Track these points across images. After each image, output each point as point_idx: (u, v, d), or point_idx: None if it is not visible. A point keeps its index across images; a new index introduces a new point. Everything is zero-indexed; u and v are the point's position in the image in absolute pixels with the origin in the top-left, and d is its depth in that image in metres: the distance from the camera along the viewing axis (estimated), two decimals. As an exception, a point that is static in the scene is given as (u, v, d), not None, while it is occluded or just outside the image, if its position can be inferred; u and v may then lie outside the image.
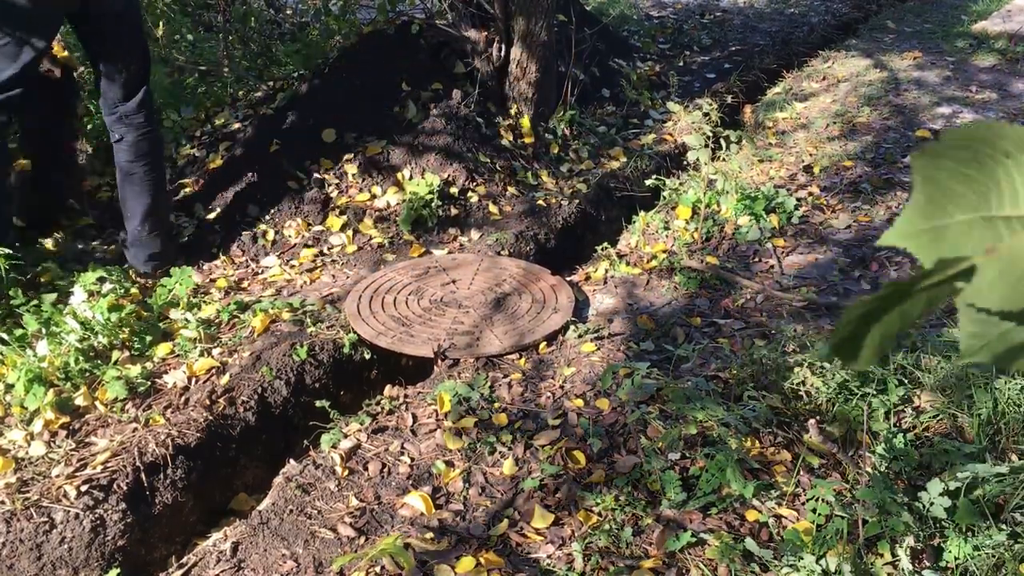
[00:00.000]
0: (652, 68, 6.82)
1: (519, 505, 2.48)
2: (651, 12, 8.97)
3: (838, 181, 4.70)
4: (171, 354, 3.21)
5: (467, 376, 3.09)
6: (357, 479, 2.63)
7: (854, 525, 2.22)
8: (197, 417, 2.80)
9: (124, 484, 2.50)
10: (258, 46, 6.11)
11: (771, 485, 2.48)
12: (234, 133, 4.87)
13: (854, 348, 0.52)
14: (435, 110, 4.74)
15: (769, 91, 6.51)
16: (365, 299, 3.58)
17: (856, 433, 2.62)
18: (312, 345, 3.22)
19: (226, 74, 5.61)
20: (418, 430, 2.86)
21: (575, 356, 3.22)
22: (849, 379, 2.80)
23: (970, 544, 2.15)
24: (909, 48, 7.13)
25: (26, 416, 2.79)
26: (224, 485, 2.80)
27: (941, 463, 2.45)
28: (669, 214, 4.44)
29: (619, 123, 5.70)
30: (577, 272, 4.11)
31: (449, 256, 4.06)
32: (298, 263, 4.04)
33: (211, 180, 4.55)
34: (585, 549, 2.27)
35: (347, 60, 4.92)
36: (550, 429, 2.78)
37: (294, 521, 2.46)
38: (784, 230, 4.19)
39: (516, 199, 4.54)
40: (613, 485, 2.52)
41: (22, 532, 2.31)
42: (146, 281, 3.78)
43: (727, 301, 3.57)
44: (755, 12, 9.05)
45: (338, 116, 4.70)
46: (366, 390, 3.26)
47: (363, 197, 4.42)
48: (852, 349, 0.52)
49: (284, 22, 6.46)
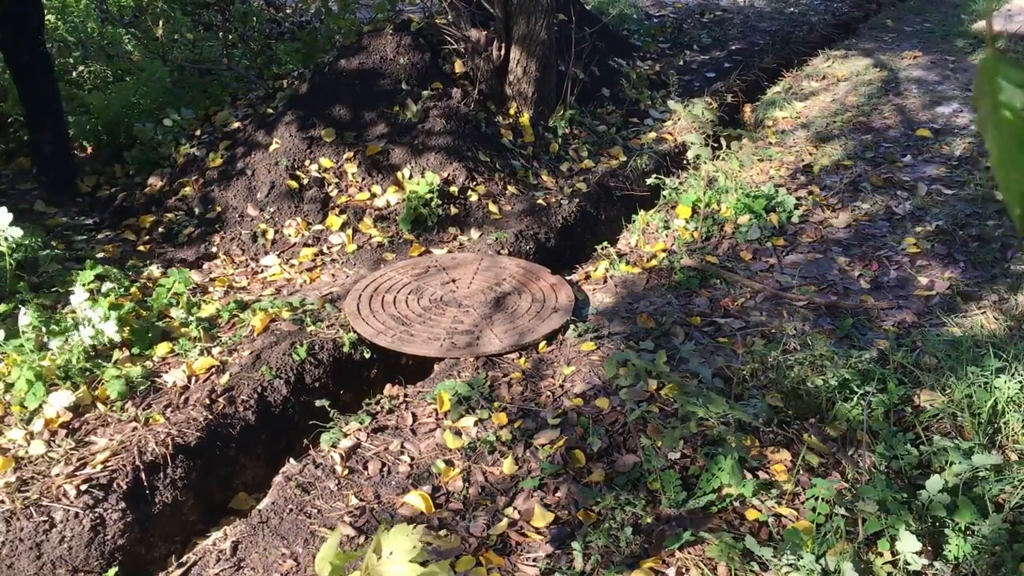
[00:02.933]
0: (652, 67, 6.82)
1: (519, 504, 2.48)
2: (651, 11, 8.96)
3: (838, 180, 4.69)
4: (171, 353, 3.21)
5: (467, 375, 3.09)
6: (357, 478, 2.63)
7: (854, 523, 2.22)
8: (197, 416, 2.80)
9: (124, 483, 2.50)
10: (258, 45, 6.11)
11: (771, 484, 2.48)
12: (234, 132, 4.87)
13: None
14: (435, 109, 4.74)
15: (769, 90, 6.51)
16: (365, 298, 3.58)
17: (856, 432, 2.62)
18: (312, 344, 3.22)
19: (226, 73, 5.61)
20: (418, 429, 2.86)
21: (575, 355, 3.22)
22: (849, 378, 2.80)
23: (970, 543, 2.15)
24: (909, 47, 7.13)
25: (26, 415, 2.79)
26: (224, 484, 2.80)
27: (941, 462, 2.45)
28: (669, 213, 4.44)
29: (619, 122, 5.69)
30: (577, 271, 4.11)
31: (449, 255, 4.05)
32: (298, 262, 4.04)
33: (211, 179, 4.55)
34: (585, 548, 2.27)
35: (347, 59, 4.92)
36: (550, 428, 2.78)
37: (294, 520, 2.46)
38: (784, 229, 4.19)
39: (516, 198, 4.54)
40: (613, 484, 2.52)
41: (22, 531, 2.31)
42: (146, 280, 3.78)
43: (727, 300, 3.57)
44: (755, 11, 9.04)
45: (338, 115, 4.69)
46: (366, 389, 3.26)
47: (363, 196, 4.42)
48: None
49: (284, 21, 6.45)
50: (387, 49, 4.92)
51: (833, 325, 3.32)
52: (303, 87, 4.93)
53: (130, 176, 4.96)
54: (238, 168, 4.52)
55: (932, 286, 3.58)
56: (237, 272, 3.98)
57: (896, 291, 3.59)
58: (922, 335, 3.13)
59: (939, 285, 3.57)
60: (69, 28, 6.01)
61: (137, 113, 5.03)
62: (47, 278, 3.68)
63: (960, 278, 3.62)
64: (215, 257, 4.09)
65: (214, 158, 4.65)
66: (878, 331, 3.26)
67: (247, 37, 6.13)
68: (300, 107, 4.76)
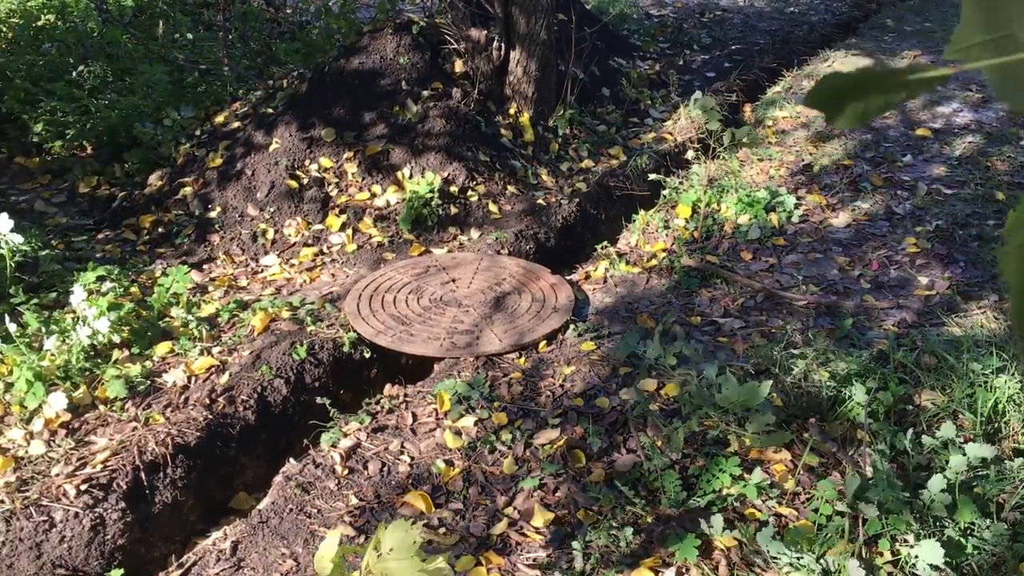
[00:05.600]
0: (652, 67, 6.82)
1: (519, 504, 2.48)
2: (651, 11, 8.96)
3: (838, 180, 4.69)
4: (171, 353, 3.21)
5: (467, 375, 3.09)
6: (357, 478, 2.63)
7: (855, 523, 2.22)
8: (197, 416, 2.80)
9: (124, 483, 2.50)
10: (258, 45, 6.11)
11: (771, 484, 2.48)
12: (234, 132, 4.86)
13: (835, 107, 0.61)
14: (435, 109, 4.74)
15: (769, 90, 6.51)
16: (365, 298, 3.58)
17: (856, 432, 2.62)
18: (312, 344, 3.22)
19: (226, 73, 5.61)
20: (418, 429, 2.86)
21: (575, 355, 3.22)
22: (852, 374, 2.80)
23: (970, 543, 2.15)
24: (909, 47, 7.13)
25: (26, 415, 2.79)
26: (224, 484, 2.79)
27: (941, 462, 2.45)
28: (669, 213, 4.44)
29: (619, 122, 5.69)
30: (577, 271, 4.11)
31: (449, 255, 4.05)
32: (298, 262, 4.04)
33: (211, 179, 4.55)
34: (585, 548, 2.27)
35: (347, 59, 4.92)
36: (550, 428, 2.78)
37: (294, 520, 2.46)
38: (784, 229, 4.18)
39: (516, 198, 4.54)
40: (613, 484, 2.52)
41: (22, 531, 2.31)
42: (146, 280, 3.78)
43: (727, 300, 3.57)
44: (755, 11, 9.05)
45: (338, 115, 4.69)
46: (366, 389, 3.26)
47: (363, 196, 4.42)
48: (832, 108, 0.61)
49: (284, 21, 6.45)
50: (387, 49, 4.92)
51: (833, 325, 3.32)
52: (303, 87, 4.93)
53: (130, 176, 4.96)
54: (238, 168, 4.52)
55: (932, 286, 3.58)
56: (237, 272, 3.98)
57: (896, 291, 3.59)
58: (922, 335, 3.13)
59: (939, 285, 3.57)
60: (69, 28, 6.00)
61: (137, 113, 5.03)
62: (47, 278, 3.68)
63: (960, 278, 3.62)
64: (215, 257, 4.09)
65: (214, 158, 4.65)
66: (878, 331, 3.26)
67: (247, 37, 6.12)
68: (300, 107, 4.76)
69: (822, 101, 0.61)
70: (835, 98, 0.60)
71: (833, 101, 0.60)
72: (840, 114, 0.61)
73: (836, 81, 0.59)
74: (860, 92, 0.60)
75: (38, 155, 5.17)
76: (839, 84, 0.60)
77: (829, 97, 0.60)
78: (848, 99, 0.60)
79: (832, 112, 0.61)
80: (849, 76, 0.59)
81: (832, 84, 0.60)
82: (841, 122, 0.61)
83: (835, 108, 0.61)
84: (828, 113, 0.61)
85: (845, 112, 0.61)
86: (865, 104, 0.60)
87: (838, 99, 0.60)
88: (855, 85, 0.59)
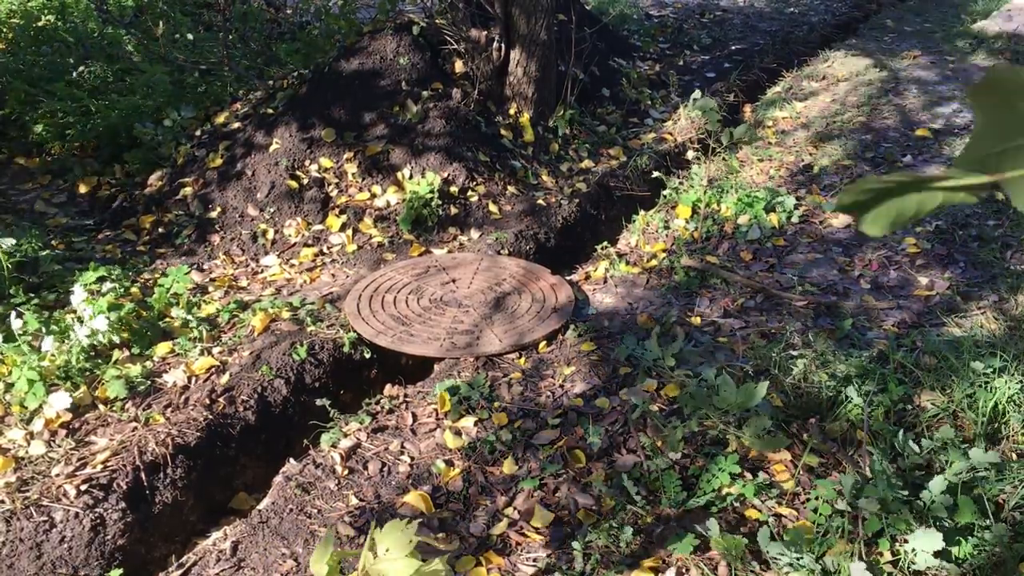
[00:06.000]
0: (652, 67, 6.82)
1: (519, 504, 2.48)
2: (651, 11, 8.96)
3: (838, 180, 4.69)
4: (171, 353, 3.21)
5: (467, 375, 3.09)
6: (357, 478, 2.63)
7: (854, 523, 2.22)
8: (197, 416, 2.80)
9: (124, 483, 2.50)
10: (258, 45, 6.11)
11: (771, 484, 2.48)
12: (234, 132, 4.87)
13: (867, 211, 0.61)
14: (435, 110, 4.74)
15: (769, 90, 6.51)
16: (365, 298, 3.58)
17: (856, 432, 2.62)
18: (312, 344, 3.22)
19: (226, 73, 5.61)
20: (418, 429, 2.86)
21: (575, 355, 3.22)
22: (852, 376, 2.80)
23: (970, 543, 2.15)
24: (909, 48, 7.13)
25: (26, 415, 2.79)
26: (224, 484, 2.80)
27: (942, 462, 2.45)
28: (669, 213, 4.44)
29: (619, 122, 5.70)
30: (577, 271, 4.11)
31: (449, 255, 4.05)
32: (298, 262, 4.04)
33: (211, 179, 4.55)
34: (585, 548, 2.27)
35: (347, 59, 4.92)
36: (550, 428, 2.78)
37: (294, 520, 2.46)
38: (784, 229, 4.19)
39: (516, 198, 4.54)
40: (613, 484, 2.52)
41: (22, 531, 2.31)
42: (146, 280, 3.78)
43: (727, 300, 3.57)
44: (755, 11, 9.05)
45: (338, 115, 4.69)
46: (366, 389, 3.26)
47: (363, 196, 4.42)
48: (864, 211, 0.61)
49: (284, 21, 6.45)
50: (387, 49, 4.93)
51: (833, 325, 3.32)
52: (303, 87, 4.93)
53: (130, 176, 4.96)
54: (238, 168, 4.52)
55: (932, 286, 3.58)
56: (237, 272, 3.98)
57: (896, 291, 3.59)
58: (922, 335, 3.13)
59: (939, 285, 3.57)
60: (69, 28, 6.01)
61: (137, 113, 5.03)
62: (47, 279, 3.68)
63: (960, 278, 3.62)
64: (215, 257, 4.09)
65: (214, 158, 4.66)
66: (878, 331, 3.26)
67: (247, 37, 6.13)
68: (300, 107, 4.76)
69: (855, 205, 0.60)
70: (868, 203, 0.60)
71: (866, 205, 0.60)
72: (873, 219, 0.60)
73: (869, 185, 0.59)
74: (894, 197, 0.59)
75: (38, 155, 5.18)
76: (872, 188, 0.59)
77: (862, 201, 0.60)
78: (881, 204, 0.59)
79: (864, 216, 0.60)
80: (883, 181, 0.58)
81: (865, 188, 0.59)
82: (873, 228, 0.60)
83: (867, 212, 0.60)
84: (860, 217, 0.60)
85: (878, 217, 0.60)
86: (899, 210, 0.59)
87: (871, 204, 0.60)
88: (889, 191, 0.58)
